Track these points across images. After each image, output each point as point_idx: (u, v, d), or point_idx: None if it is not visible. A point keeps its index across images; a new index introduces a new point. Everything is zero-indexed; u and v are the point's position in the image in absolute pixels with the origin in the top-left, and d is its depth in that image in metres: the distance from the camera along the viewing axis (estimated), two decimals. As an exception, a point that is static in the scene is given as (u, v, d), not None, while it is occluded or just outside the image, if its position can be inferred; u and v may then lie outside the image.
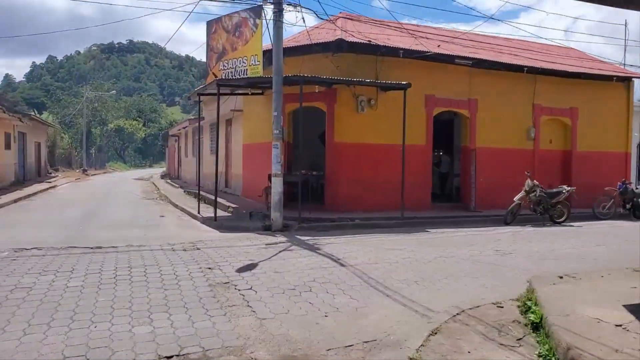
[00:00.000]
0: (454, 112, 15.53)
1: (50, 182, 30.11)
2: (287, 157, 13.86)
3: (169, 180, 33.02)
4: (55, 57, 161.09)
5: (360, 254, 8.56)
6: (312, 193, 14.00)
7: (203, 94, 14.62)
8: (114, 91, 53.00)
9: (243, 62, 12.22)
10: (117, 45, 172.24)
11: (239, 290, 6.27)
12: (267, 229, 11.38)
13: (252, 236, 10.63)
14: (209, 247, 9.30)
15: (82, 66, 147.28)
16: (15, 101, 58.13)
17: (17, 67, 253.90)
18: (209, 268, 7.38)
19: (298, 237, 10.50)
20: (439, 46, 13.67)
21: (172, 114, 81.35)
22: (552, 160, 15.90)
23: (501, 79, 14.97)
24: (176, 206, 17.56)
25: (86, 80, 54.26)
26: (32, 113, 38.99)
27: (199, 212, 14.24)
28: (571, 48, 19.80)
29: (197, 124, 23.65)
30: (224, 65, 12.73)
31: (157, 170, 51.95)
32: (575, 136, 16.26)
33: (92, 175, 43.37)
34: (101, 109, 54.77)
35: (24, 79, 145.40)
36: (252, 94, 14.65)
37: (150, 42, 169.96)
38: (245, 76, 12.17)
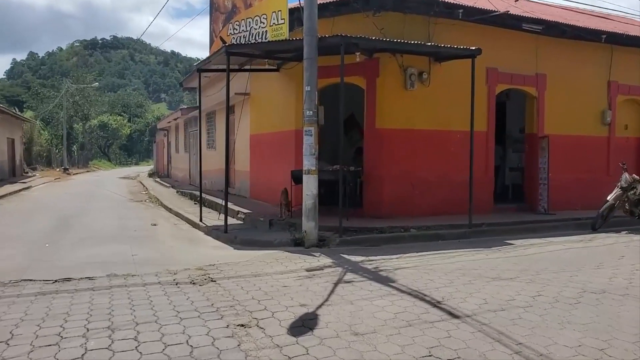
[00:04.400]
0: (507, 93, 12.72)
1: (25, 182, 26.84)
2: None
3: (157, 179, 29.93)
4: (37, 54, 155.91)
5: (462, 289, 5.70)
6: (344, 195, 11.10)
7: (205, 70, 11.63)
8: (96, 83, 49.37)
9: (261, 21, 9.26)
10: (100, 41, 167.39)
11: (313, 384, 3.38)
12: (299, 244, 8.48)
13: (282, 256, 7.74)
14: (227, 276, 6.41)
15: (64, 63, 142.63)
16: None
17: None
18: (242, 325, 4.48)
19: (345, 256, 7.63)
20: (516, 1, 10.79)
21: (158, 109, 77.57)
22: (627, 150, 13.17)
23: (572, 51, 12.19)
24: (170, 210, 14.57)
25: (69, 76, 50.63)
26: (14, 109, 35.57)
27: (201, 220, 11.30)
28: (635, 21, 17.08)
29: (196, 112, 20.66)
30: (234, 29, 9.77)
31: (144, 168, 48.61)
32: (655, 120, 13.59)
33: (74, 174, 40.01)
34: (83, 104, 51.09)
35: (4, 76, 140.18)
36: (268, 69, 11.69)
37: (134, 37, 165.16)
38: (265, 40, 9.22)
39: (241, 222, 10.99)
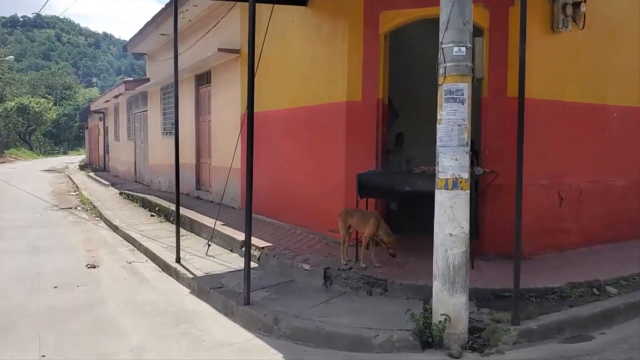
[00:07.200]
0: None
1: None
2: (383, 130, 6.31)
3: (91, 173, 24.00)
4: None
5: None
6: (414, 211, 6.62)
7: None
8: (11, 56, 41.06)
9: None
10: (21, 19, 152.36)
11: None
12: (428, 344, 3.83)
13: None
14: None
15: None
16: None
17: None
18: None
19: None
20: None
21: (90, 92, 68.80)
22: None
23: None
24: (116, 229, 9.45)
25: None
26: None
27: (178, 260, 6.39)
28: None
29: (145, 85, 15.27)
30: None
31: (74, 159, 41.57)
32: None
33: (-16, 166, 32.85)
34: (-4, 82, 42.69)
35: None
36: (291, 1, 6.87)
37: (61, 16, 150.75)
38: None
39: (255, 266, 6.13)
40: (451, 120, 3.81)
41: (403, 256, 5.53)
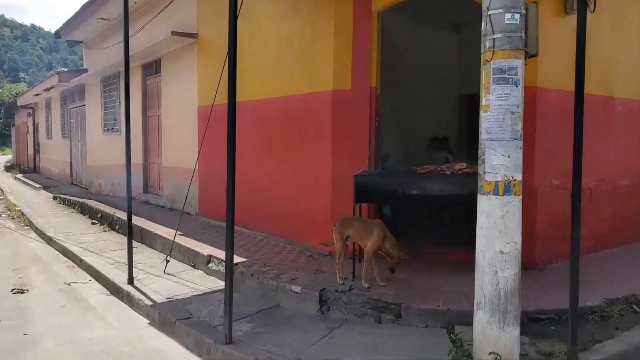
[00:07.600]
0: None
1: None
2: (375, 124, 5.47)
3: (20, 175, 21.81)
4: None
5: None
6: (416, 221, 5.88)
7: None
8: None
9: None
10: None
11: None
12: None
13: None
14: None
15: None
16: None
17: None
18: None
19: None
20: None
21: (17, 87, 63.82)
22: None
23: None
24: (50, 241, 8.11)
25: None
26: None
27: (131, 281, 5.27)
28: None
29: (83, 76, 13.73)
30: None
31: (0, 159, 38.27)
32: None
33: None
34: None
35: None
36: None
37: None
38: None
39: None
40: (502, 106, 3.01)
41: (407, 271, 4.70)
